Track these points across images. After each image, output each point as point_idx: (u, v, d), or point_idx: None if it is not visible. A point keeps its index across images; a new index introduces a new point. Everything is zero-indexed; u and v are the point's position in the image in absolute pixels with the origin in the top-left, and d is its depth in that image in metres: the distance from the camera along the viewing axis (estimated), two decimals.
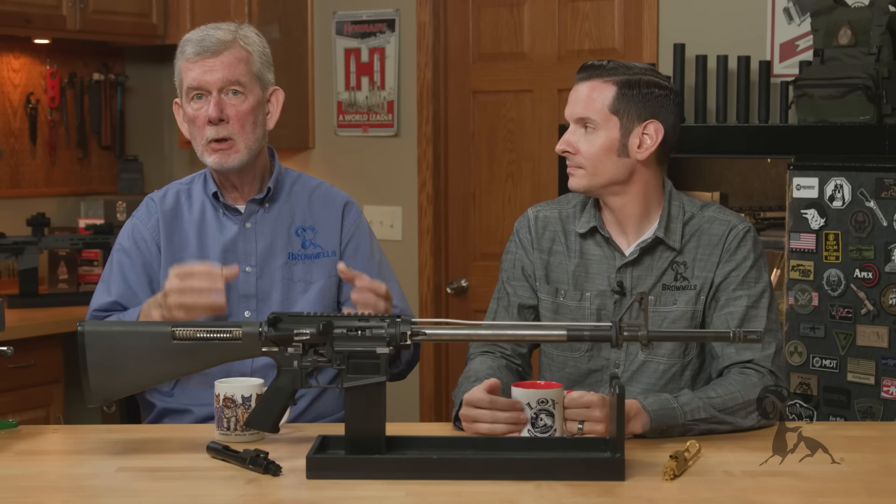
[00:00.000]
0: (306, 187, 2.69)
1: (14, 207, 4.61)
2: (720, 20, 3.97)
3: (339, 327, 2.08)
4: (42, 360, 4.05)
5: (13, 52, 4.63)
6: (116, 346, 2.12)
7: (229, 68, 2.52)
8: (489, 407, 2.18)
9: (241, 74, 2.53)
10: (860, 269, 3.22)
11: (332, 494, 1.94)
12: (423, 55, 4.59)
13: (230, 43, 2.54)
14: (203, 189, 2.63)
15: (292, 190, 2.66)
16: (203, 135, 2.53)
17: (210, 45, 2.52)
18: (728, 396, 2.29)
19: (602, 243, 2.46)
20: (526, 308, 2.51)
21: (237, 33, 2.56)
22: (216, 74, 2.51)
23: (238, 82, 2.53)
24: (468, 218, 4.62)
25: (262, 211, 2.62)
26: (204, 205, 2.62)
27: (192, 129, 2.56)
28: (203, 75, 2.52)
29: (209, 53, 2.52)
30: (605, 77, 2.39)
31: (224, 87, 2.52)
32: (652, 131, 2.39)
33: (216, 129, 2.52)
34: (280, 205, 2.64)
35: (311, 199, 2.67)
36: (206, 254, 2.57)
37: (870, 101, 3.32)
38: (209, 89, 2.52)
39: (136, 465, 2.11)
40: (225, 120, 2.52)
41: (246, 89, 2.54)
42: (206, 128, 2.52)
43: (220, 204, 2.60)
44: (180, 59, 2.56)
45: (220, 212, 2.61)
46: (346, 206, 2.69)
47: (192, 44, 2.54)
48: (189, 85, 2.53)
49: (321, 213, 2.66)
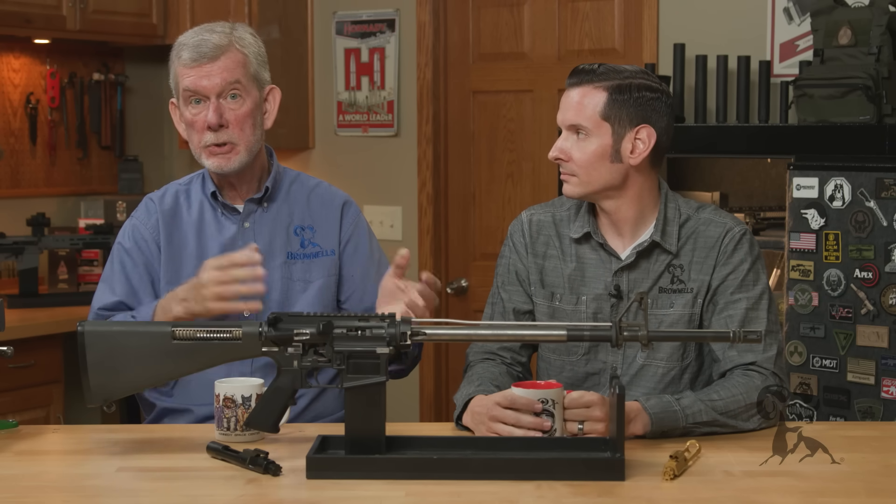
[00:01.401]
0: (305, 186, 2.68)
1: (14, 207, 4.61)
2: (720, 20, 3.97)
3: (339, 327, 2.08)
4: (42, 360, 4.05)
5: (13, 52, 4.63)
6: (116, 346, 2.12)
7: (227, 73, 2.52)
8: (511, 406, 2.18)
9: (238, 77, 2.53)
10: (860, 269, 3.22)
11: (332, 494, 1.94)
12: (423, 55, 4.59)
13: (226, 47, 2.53)
14: (201, 189, 2.63)
15: (291, 189, 2.66)
16: (202, 139, 2.53)
17: (207, 51, 2.52)
18: (730, 399, 2.28)
19: (597, 247, 2.45)
20: (521, 313, 2.50)
21: (232, 36, 2.56)
22: (214, 80, 2.51)
23: (236, 86, 2.53)
24: (468, 218, 4.62)
25: (261, 210, 2.62)
26: (203, 205, 2.62)
27: (189, 132, 2.56)
28: (200, 81, 2.51)
29: (206, 59, 2.52)
30: (595, 83, 2.37)
31: (222, 91, 2.52)
32: (644, 136, 2.37)
33: (216, 134, 2.52)
34: (278, 204, 2.63)
35: (309, 199, 2.67)
36: (206, 254, 2.57)
37: (870, 101, 3.32)
38: (207, 94, 2.52)
39: (136, 465, 2.11)
40: (224, 125, 2.52)
41: (244, 92, 2.54)
42: (205, 133, 2.52)
43: (219, 203, 2.60)
44: (176, 63, 2.55)
45: (219, 211, 2.61)
46: (344, 205, 2.69)
47: (189, 49, 2.53)
48: (186, 89, 2.53)
49: (320, 213, 2.66)
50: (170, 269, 2.57)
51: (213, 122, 2.51)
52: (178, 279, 2.53)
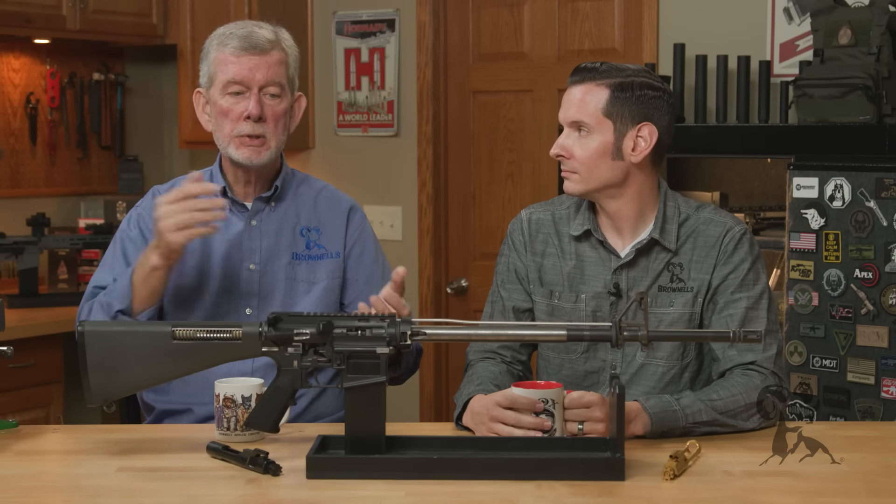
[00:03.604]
0: (312, 189, 2.69)
1: (14, 207, 4.61)
2: (720, 20, 3.97)
3: (339, 327, 2.08)
4: (42, 360, 4.05)
5: (13, 52, 4.63)
6: (116, 346, 2.12)
7: (273, 69, 2.53)
8: (511, 406, 2.17)
9: (281, 77, 2.55)
10: (860, 269, 3.22)
11: (332, 494, 1.94)
12: (423, 55, 4.59)
13: (275, 43, 2.55)
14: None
15: (298, 190, 2.67)
16: (236, 128, 2.53)
17: (258, 43, 2.52)
18: (730, 399, 2.28)
19: (597, 245, 2.45)
20: (521, 312, 2.50)
21: (278, 34, 2.58)
22: (260, 73, 2.52)
23: (278, 84, 2.54)
24: (468, 218, 4.62)
25: (268, 209, 2.62)
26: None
27: (221, 121, 2.55)
28: (247, 72, 2.51)
29: (257, 51, 2.52)
30: (597, 80, 2.37)
31: (265, 86, 2.53)
32: (646, 134, 2.38)
33: (254, 125, 2.52)
34: (286, 204, 2.64)
35: (316, 201, 2.67)
36: (210, 248, 2.57)
37: (870, 101, 3.32)
38: (250, 86, 2.52)
39: (136, 465, 2.11)
40: (263, 119, 2.53)
41: (283, 91, 2.56)
42: (241, 122, 2.52)
43: (228, 199, 2.60)
44: (219, 51, 2.54)
45: (227, 207, 2.61)
46: (351, 209, 2.70)
47: (238, 38, 2.53)
48: (229, 79, 2.52)
49: (326, 215, 2.67)
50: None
51: (256, 114, 2.51)
52: (181, 271, 2.53)
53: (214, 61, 2.55)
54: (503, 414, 2.17)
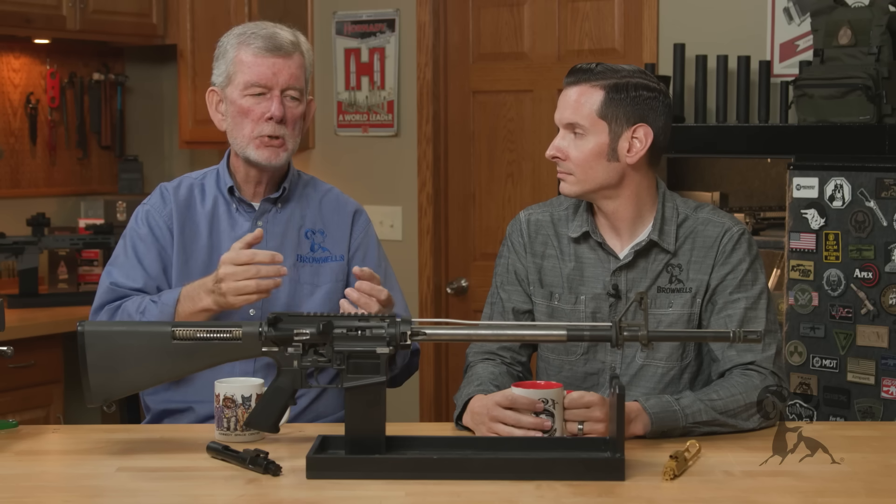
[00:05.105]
0: (318, 191, 2.70)
1: (14, 207, 4.61)
2: (720, 20, 3.97)
3: (339, 327, 2.08)
4: (42, 360, 4.05)
5: (13, 52, 4.63)
6: (116, 346, 2.12)
7: (294, 72, 2.55)
8: (511, 406, 2.17)
9: (301, 80, 2.57)
10: (860, 269, 3.22)
11: (332, 494, 1.94)
12: (423, 55, 4.59)
13: (297, 46, 2.57)
14: (216, 185, 2.63)
15: (304, 192, 2.67)
16: (256, 128, 2.54)
17: (282, 44, 2.54)
18: (730, 399, 2.28)
19: (595, 247, 2.45)
20: (520, 313, 2.50)
21: (297, 37, 2.60)
22: (283, 75, 2.53)
23: (298, 88, 2.56)
24: (468, 218, 4.62)
25: (275, 210, 2.62)
26: (216, 199, 2.62)
27: (240, 121, 2.55)
28: (271, 74, 2.52)
29: (281, 53, 2.53)
30: (592, 81, 2.37)
31: (287, 88, 2.54)
32: (641, 135, 2.37)
33: (275, 127, 2.53)
34: (292, 206, 2.64)
35: (321, 203, 2.68)
36: (217, 247, 2.57)
37: (870, 101, 3.32)
38: (271, 87, 2.53)
39: (136, 465, 2.11)
40: (283, 120, 2.54)
41: (301, 95, 2.57)
42: (263, 123, 2.53)
43: (235, 199, 2.60)
44: (240, 50, 2.54)
45: (234, 207, 2.61)
46: (356, 213, 2.70)
47: (262, 39, 2.54)
48: (252, 80, 2.53)
49: (331, 218, 2.67)
50: (180, 259, 2.56)
51: (279, 115, 2.52)
52: (187, 269, 2.54)
53: (234, 61, 2.55)
54: (503, 414, 2.18)
